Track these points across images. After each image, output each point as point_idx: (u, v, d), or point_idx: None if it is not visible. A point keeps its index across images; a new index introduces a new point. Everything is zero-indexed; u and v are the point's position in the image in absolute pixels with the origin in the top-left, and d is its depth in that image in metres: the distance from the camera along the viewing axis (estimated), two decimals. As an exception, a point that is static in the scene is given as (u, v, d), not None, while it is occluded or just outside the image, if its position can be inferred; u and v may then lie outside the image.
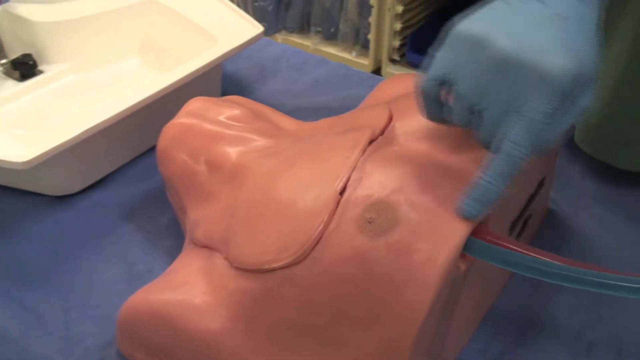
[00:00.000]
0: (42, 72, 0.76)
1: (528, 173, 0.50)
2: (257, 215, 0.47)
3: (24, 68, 0.75)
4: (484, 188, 0.41)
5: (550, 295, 0.53)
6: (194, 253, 0.50)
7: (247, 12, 2.06)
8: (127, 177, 0.66)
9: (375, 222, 0.42)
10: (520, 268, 0.42)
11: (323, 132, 0.53)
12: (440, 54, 0.43)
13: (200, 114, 0.57)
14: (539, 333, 0.51)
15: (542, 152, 0.41)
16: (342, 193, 0.44)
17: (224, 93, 0.75)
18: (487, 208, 0.41)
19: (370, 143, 0.48)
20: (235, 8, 0.75)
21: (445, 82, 0.43)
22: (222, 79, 0.75)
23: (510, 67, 0.39)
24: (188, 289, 0.47)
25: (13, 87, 0.73)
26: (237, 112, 0.57)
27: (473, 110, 0.42)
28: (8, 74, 0.75)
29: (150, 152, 0.68)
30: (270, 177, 0.49)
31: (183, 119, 0.57)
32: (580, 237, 0.58)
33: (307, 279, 0.42)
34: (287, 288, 0.43)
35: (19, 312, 0.52)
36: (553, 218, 0.61)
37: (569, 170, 0.65)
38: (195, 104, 0.58)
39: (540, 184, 0.55)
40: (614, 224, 0.60)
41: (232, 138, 0.55)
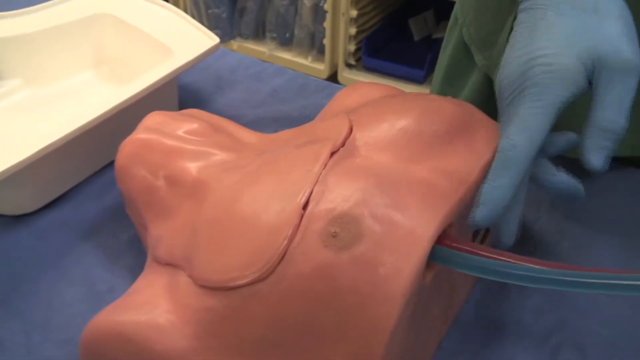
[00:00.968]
0: (-6, 88, 0.74)
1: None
2: (219, 232, 0.47)
3: (-25, 85, 0.74)
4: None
5: (516, 300, 0.54)
6: (157, 271, 0.50)
7: (201, 19, 2.06)
8: (85, 194, 0.65)
9: (339, 235, 0.42)
10: (486, 272, 0.42)
11: (284, 144, 0.53)
12: None
13: (159, 129, 0.56)
14: (506, 338, 0.51)
15: None
16: (305, 207, 0.44)
17: (182, 106, 0.74)
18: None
19: (332, 155, 0.48)
20: (190, 19, 0.74)
21: None
22: (178, 92, 0.74)
23: None
24: (152, 309, 0.46)
25: (-36, 105, 0.72)
26: (195, 126, 0.57)
27: None
28: (-42, 92, 0.73)
29: (109, 167, 0.67)
30: (232, 192, 0.49)
31: (141, 135, 0.56)
32: (541, 242, 0.59)
33: (272, 295, 0.42)
34: (252, 305, 0.43)
35: (-22, 338, 0.51)
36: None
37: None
38: (154, 119, 0.57)
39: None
40: (575, 228, 0.61)
41: (191, 153, 0.54)
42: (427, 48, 1.93)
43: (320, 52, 1.94)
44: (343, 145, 0.49)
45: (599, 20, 0.47)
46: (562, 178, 0.51)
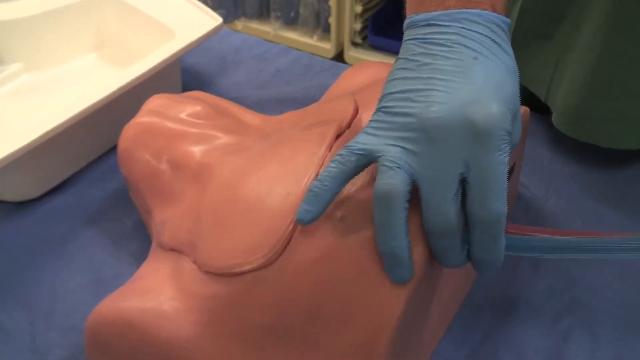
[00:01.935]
0: (-5, 72, 0.73)
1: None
2: (224, 217, 0.46)
3: (-25, 70, 0.73)
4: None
5: (526, 282, 0.53)
6: (161, 257, 0.49)
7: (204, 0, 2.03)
8: (89, 179, 0.64)
9: (346, 219, 0.41)
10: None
11: (288, 126, 0.52)
12: None
13: (161, 112, 0.55)
14: (516, 320, 0.50)
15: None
16: (310, 191, 0.43)
17: (185, 87, 0.73)
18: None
19: (337, 137, 0.47)
20: (193, 0, 0.73)
21: None
22: (182, 73, 0.73)
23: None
24: (156, 295, 0.45)
25: (-35, 90, 0.71)
26: (199, 108, 0.56)
27: None
28: (-41, 77, 0.72)
29: (112, 152, 0.66)
30: (237, 176, 0.48)
31: (144, 118, 0.55)
32: (552, 220, 0.58)
33: (278, 281, 0.41)
34: (258, 291, 0.42)
35: (-18, 327, 0.51)
36: (523, 203, 0.60)
37: (539, 154, 0.65)
38: (156, 102, 0.56)
39: (510, 171, 0.54)
40: (586, 207, 0.59)
41: (195, 136, 0.53)
42: (433, 25, 1.89)
43: (326, 31, 1.92)
44: (349, 127, 0.49)
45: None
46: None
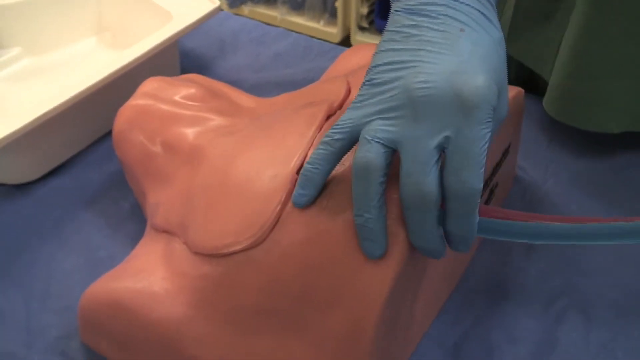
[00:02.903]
0: (-6, 56, 0.74)
1: (494, 141, 0.49)
2: (214, 198, 0.46)
3: (-25, 53, 0.73)
4: None
5: (520, 265, 0.53)
6: (154, 238, 0.49)
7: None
8: (87, 162, 0.64)
9: (333, 201, 0.41)
10: (487, 232, 0.41)
11: (281, 108, 0.52)
12: None
13: (156, 95, 0.55)
14: (509, 303, 0.50)
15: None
16: (299, 172, 0.43)
17: (184, 71, 0.73)
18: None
19: (328, 118, 0.47)
20: (191, -17, 0.73)
21: None
22: (180, 56, 0.73)
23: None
24: (147, 276, 0.45)
25: (-36, 73, 0.71)
26: (193, 91, 0.56)
27: None
28: (-41, 61, 0.73)
29: (111, 135, 0.66)
30: (227, 158, 0.48)
31: (138, 100, 0.55)
32: (549, 203, 0.58)
33: (266, 262, 0.42)
34: (247, 272, 0.42)
35: (-22, 307, 0.51)
36: (521, 185, 0.60)
37: (537, 136, 0.64)
38: (151, 84, 0.56)
39: (506, 152, 0.54)
40: (583, 190, 0.59)
41: (188, 118, 0.53)
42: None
43: (333, 15, 1.91)
44: (340, 108, 0.48)
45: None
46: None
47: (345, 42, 1.90)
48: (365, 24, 1.90)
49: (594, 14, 0.56)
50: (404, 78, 0.39)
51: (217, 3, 0.69)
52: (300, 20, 1.96)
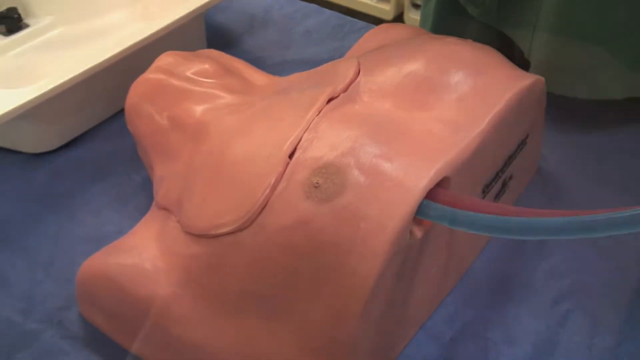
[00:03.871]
0: (27, 25, 0.74)
1: (506, 132, 0.47)
2: (208, 178, 0.45)
3: (9, 22, 0.74)
4: None
5: (529, 262, 0.51)
6: (154, 215, 0.49)
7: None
8: (106, 134, 0.65)
9: (322, 187, 0.40)
10: (479, 228, 0.39)
11: (289, 88, 0.51)
12: None
13: (169, 70, 0.55)
14: (512, 301, 0.48)
15: None
16: (293, 155, 0.42)
17: (210, 45, 0.72)
18: None
19: (331, 101, 0.46)
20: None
21: None
22: (208, 31, 0.73)
23: None
24: (140, 253, 0.45)
25: (-2, 41, 0.72)
26: (206, 67, 0.55)
27: None
28: (-7, 28, 0.74)
29: (131, 107, 0.66)
30: (227, 137, 0.47)
31: (152, 75, 0.55)
32: (572, 196, 0.55)
33: (253, 246, 0.41)
34: (234, 255, 0.41)
35: (-17, 273, 0.52)
36: (543, 176, 0.58)
37: (563, 124, 0.61)
38: (166, 59, 0.56)
39: (522, 143, 0.52)
40: (608, 187, 0.56)
41: (198, 95, 0.53)
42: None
43: (387, -9, 1.88)
44: (346, 90, 0.47)
45: None
46: None
47: (399, 19, 1.87)
48: (420, 1, 1.86)
49: None
50: None
51: (245, -23, 0.68)
52: (353, -4, 1.93)
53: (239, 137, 0.46)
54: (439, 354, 0.46)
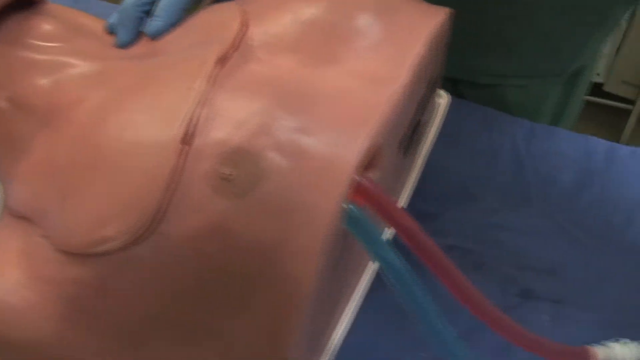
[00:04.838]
0: None
1: (423, 76, 0.41)
2: (79, 175, 0.35)
3: None
4: None
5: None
6: (10, 227, 0.39)
7: None
8: None
9: (234, 178, 0.32)
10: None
11: (165, 48, 0.42)
12: None
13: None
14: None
15: None
16: (186, 140, 0.33)
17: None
18: None
19: (221, 63, 0.37)
20: None
21: None
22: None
23: None
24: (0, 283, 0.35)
25: None
26: (48, 27, 0.44)
27: None
28: None
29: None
30: (95, 119, 0.37)
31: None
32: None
33: (154, 261, 0.32)
34: (130, 274, 0.33)
35: None
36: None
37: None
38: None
39: (434, 84, 0.46)
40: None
41: (43, 65, 0.42)
42: None
43: None
44: (237, 49, 0.38)
45: None
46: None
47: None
48: None
49: None
50: None
51: None
52: None
53: (113, 119, 0.36)
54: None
